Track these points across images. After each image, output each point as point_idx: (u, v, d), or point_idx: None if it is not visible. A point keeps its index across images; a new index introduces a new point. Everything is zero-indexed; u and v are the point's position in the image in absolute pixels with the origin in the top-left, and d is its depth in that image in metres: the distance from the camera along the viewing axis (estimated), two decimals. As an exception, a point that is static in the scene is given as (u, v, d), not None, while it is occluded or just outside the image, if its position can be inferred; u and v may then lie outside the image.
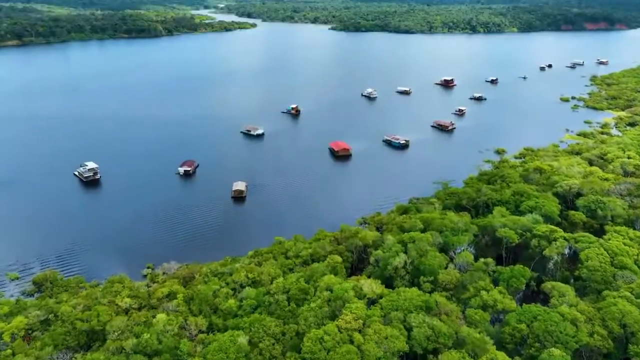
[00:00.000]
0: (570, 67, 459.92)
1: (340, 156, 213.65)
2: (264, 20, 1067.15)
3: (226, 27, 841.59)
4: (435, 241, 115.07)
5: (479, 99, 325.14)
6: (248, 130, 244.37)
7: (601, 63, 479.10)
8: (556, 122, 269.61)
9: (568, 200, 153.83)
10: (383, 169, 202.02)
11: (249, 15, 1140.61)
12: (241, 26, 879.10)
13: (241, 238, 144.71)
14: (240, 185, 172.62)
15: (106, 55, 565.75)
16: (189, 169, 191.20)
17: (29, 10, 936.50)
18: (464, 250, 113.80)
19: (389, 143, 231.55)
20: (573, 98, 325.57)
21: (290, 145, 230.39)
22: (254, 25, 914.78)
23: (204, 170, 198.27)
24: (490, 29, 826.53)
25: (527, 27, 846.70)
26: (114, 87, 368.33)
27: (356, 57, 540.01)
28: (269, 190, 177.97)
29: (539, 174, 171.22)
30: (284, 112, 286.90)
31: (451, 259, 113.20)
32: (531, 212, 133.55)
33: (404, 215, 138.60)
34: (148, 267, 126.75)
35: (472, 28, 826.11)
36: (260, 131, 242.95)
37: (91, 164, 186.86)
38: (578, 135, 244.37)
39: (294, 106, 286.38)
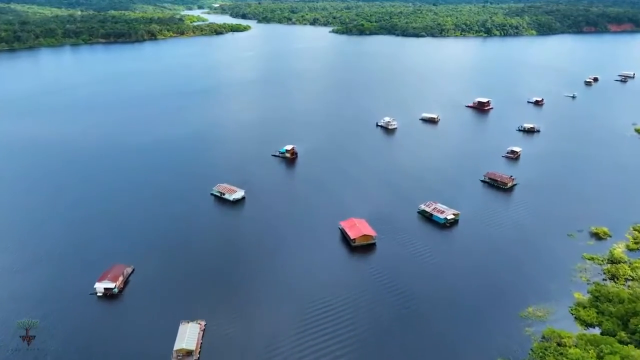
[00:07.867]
0: (621, 80, 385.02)
1: (359, 246, 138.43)
2: (259, 22, 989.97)
3: (217, 30, 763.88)
4: None
5: (531, 131, 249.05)
6: (221, 193, 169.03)
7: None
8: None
9: None
10: (428, 277, 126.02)
11: (244, 16, 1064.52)
12: (234, 28, 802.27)
13: None
14: (189, 339, 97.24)
15: (69, 65, 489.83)
16: (112, 285, 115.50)
17: (6, 12, 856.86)
18: None
19: (428, 217, 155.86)
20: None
21: (280, 222, 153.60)
22: (247, 28, 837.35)
23: (140, 281, 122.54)
24: (507, 31, 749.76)
25: (547, 30, 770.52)
26: (51, 108, 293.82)
27: (363, 68, 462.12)
28: (241, 338, 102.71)
29: None
30: (275, 156, 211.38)
31: None
32: None
33: None
34: None
35: (487, 31, 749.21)
36: (238, 195, 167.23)
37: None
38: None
39: (289, 148, 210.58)
